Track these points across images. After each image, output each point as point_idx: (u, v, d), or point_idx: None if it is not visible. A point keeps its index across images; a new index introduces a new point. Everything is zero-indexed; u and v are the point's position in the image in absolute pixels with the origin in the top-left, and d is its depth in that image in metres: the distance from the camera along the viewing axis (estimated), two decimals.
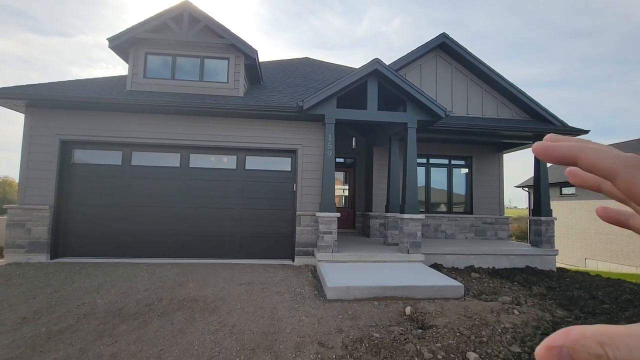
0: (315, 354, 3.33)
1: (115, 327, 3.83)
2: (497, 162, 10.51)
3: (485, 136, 8.87)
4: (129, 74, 7.66)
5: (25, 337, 3.57)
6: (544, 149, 0.30)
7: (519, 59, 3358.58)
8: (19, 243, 6.67)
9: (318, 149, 7.49)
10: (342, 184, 11.44)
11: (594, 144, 0.29)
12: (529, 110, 9.04)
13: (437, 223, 9.91)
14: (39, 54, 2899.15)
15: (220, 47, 7.97)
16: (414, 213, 7.02)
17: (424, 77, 9.03)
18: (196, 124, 7.32)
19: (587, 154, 0.28)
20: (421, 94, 7.07)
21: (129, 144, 7.27)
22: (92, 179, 7.19)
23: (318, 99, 6.81)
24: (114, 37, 7.43)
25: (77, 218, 7.09)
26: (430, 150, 10.11)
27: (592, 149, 0.28)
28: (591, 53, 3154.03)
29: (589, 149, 0.28)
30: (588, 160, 0.28)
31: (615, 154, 0.27)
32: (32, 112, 6.96)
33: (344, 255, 6.65)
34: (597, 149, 0.28)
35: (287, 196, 7.58)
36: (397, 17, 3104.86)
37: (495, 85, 9.05)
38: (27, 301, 4.54)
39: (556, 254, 8.14)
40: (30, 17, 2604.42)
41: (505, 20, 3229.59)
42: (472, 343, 3.59)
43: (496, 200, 10.35)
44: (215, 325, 3.91)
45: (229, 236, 7.39)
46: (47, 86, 7.17)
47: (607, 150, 0.28)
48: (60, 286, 5.14)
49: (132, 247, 7.11)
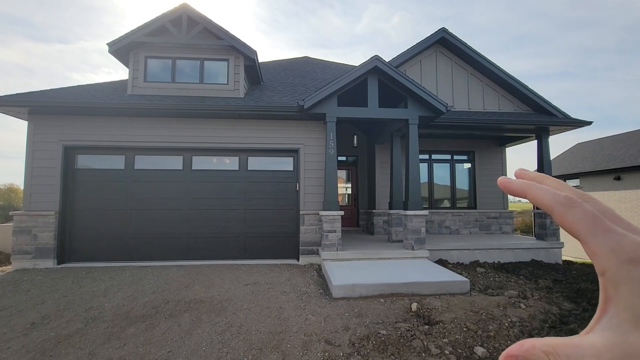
0: (323, 352, 3.34)
1: (123, 330, 3.86)
2: (500, 156, 10.47)
3: (487, 130, 8.83)
4: (130, 78, 7.69)
5: (35, 342, 3.60)
6: (503, 182, 0.37)
7: (519, 51, 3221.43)
8: (25, 249, 6.73)
9: (320, 148, 7.49)
10: (345, 182, 11.43)
11: (539, 186, 0.34)
12: (530, 103, 8.98)
13: (441, 219, 9.89)
14: (40, 61, 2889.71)
15: (219, 48, 7.98)
16: (417, 209, 7.01)
17: (424, 73, 8.99)
18: (197, 126, 7.35)
19: (532, 192, 0.34)
20: (422, 89, 7.05)
21: (132, 148, 7.31)
22: (95, 184, 7.24)
23: (318, 97, 6.81)
24: (113, 42, 7.46)
25: (82, 223, 7.15)
26: (433, 146, 10.08)
27: (537, 187, 0.34)
28: (592, 44, 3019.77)
29: (534, 187, 0.34)
30: (533, 196, 0.34)
31: (553, 193, 0.33)
32: (35, 119, 7.01)
33: (348, 254, 6.65)
34: (540, 187, 0.34)
35: (290, 196, 7.59)
36: (396, 14, 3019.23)
37: (496, 78, 9.00)
38: (36, 306, 4.58)
39: (562, 246, 8.10)
40: (31, 25, 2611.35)
41: (505, 14, 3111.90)
42: (479, 338, 3.59)
43: (500, 194, 10.31)
44: (222, 326, 3.93)
45: (234, 237, 7.42)
46: (49, 93, 7.21)
47: (547, 190, 0.33)
48: (67, 291, 5.19)
49: (138, 251, 7.15)
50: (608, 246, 0.29)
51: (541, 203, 0.34)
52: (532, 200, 0.35)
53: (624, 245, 0.28)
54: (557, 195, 0.33)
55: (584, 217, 0.31)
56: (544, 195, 0.34)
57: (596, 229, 0.30)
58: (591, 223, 0.30)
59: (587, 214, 0.31)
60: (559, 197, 0.33)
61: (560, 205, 0.32)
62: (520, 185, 0.36)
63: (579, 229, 0.31)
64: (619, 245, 0.29)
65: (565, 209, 0.32)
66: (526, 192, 0.35)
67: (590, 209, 0.31)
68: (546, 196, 0.34)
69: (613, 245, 0.29)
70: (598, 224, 0.30)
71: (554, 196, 0.33)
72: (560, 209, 0.32)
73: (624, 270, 0.28)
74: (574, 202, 0.32)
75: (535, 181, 0.37)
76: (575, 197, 0.32)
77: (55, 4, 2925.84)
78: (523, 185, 0.36)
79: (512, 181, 0.37)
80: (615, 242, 0.29)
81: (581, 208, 0.31)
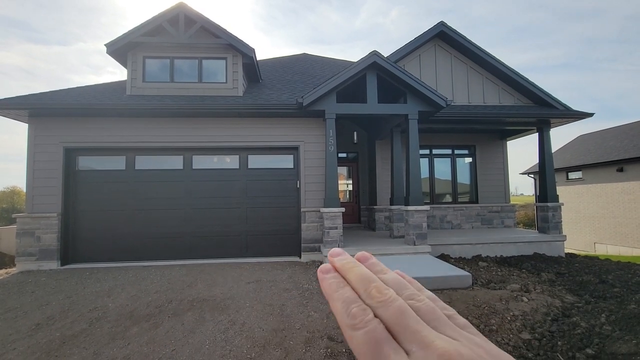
0: (325, 349, 3.36)
1: (127, 330, 3.89)
2: (501, 149, 10.42)
3: (487, 124, 8.79)
4: (128, 78, 7.69)
5: (40, 343, 3.63)
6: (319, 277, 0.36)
7: (519, 44, 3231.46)
8: (29, 251, 6.78)
9: (320, 145, 7.48)
10: (346, 178, 11.42)
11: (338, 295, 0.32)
12: (531, 95, 8.92)
13: (442, 214, 9.88)
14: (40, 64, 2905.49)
15: (217, 47, 7.96)
16: (418, 205, 7.00)
17: (424, 67, 8.95)
18: (197, 126, 7.35)
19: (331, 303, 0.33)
20: (421, 84, 7.02)
21: (132, 149, 7.32)
22: (97, 185, 7.27)
23: (317, 94, 6.79)
24: (111, 42, 7.46)
25: (85, 224, 7.18)
26: (433, 140, 10.04)
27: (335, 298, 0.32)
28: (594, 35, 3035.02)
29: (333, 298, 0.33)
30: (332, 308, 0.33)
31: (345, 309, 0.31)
32: (35, 122, 7.02)
33: (350, 250, 6.65)
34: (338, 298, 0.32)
35: (291, 193, 7.59)
36: (395, 8, 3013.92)
37: (496, 72, 8.94)
38: (41, 307, 4.62)
39: (564, 239, 8.08)
40: (30, 27, 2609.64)
41: (504, 6, 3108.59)
42: (481, 332, 3.56)
43: (501, 188, 10.28)
44: (225, 324, 3.95)
45: (235, 235, 7.44)
46: (49, 95, 7.22)
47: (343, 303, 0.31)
48: (72, 292, 5.22)
49: (140, 251, 7.19)
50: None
51: (337, 320, 0.31)
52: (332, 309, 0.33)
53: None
54: (347, 313, 0.30)
55: (365, 343, 0.28)
56: (338, 310, 0.31)
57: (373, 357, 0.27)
58: (370, 351, 0.27)
59: (368, 339, 0.28)
60: (347, 317, 0.30)
61: (347, 328, 0.30)
62: (327, 289, 0.34)
63: (359, 357, 0.28)
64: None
65: (350, 332, 0.29)
66: (329, 301, 0.33)
67: (374, 328, 0.28)
68: (339, 312, 0.31)
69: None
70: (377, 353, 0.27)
71: (344, 314, 0.30)
72: (346, 331, 0.30)
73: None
74: (358, 322, 0.29)
75: (342, 272, 0.35)
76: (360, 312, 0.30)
77: (54, 6, 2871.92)
78: (328, 290, 0.34)
79: (323, 278, 0.35)
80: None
81: (364, 330, 0.28)
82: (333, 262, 0.36)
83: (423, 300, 0.32)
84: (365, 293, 0.32)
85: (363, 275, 0.34)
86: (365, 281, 0.33)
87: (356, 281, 0.33)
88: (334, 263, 0.36)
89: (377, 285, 0.32)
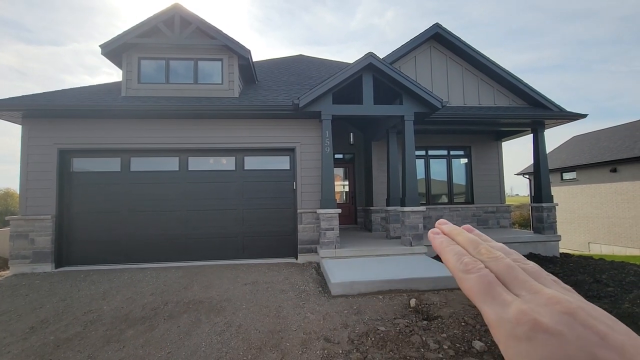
0: (322, 350, 3.36)
1: (122, 333, 3.86)
2: (496, 150, 10.50)
3: (483, 125, 8.85)
4: (123, 79, 7.64)
5: (34, 346, 3.60)
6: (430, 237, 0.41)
7: (514, 45, 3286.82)
8: (23, 254, 6.70)
9: (316, 146, 7.48)
10: (342, 179, 11.43)
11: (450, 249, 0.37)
12: (526, 97, 9.00)
13: (438, 214, 9.92)
14: (33, 64, 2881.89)
15: (213, 48, 7.94)
16: (414, 205, 7.03)
17: (419, 69, 8.99)
18: (193, 127, 7.32)
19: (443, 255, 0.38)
20: (417, 86, 7.05)
21: (127, 150, 7.27)
22: (92, 187, 7.21)
23: (313, 95, 6.80)
24: (106, 43, 7.42)
25: (80, 226, 7.12)
26: (429, 142, 10.09)
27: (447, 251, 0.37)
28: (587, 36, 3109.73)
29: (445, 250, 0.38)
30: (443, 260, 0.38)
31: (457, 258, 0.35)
32: (29, 123, 6.96)
33: (346, 251, 6.67)
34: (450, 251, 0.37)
35: (288, 194, 7.59)
36: (390, 9, 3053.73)
37: (491, 73, 9.01)
38: (35, 310, 4.58)
39: (559, 239, 8.15)
40: (23, 27, 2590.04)
41: (499, 7, 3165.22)
42: (477, 332, 3.61)
43: (497, 188, 10.35)
44: (222, 326, 3.94)
45: (232, 237, 7.42)
46: (43, 96, 7.17)
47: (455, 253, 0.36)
48: (66, 294, 5.18)
49: (136, 253, 7.14)
50: (494, 317, 0.29)
51: (448, 267, 0.36)
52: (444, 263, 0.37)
53: (506, 318, 0.28)
54: (459, 261, 0.35)
55: (477, 284, 0.31)
56: (450, 259, 0.36)
57: (487, 296, 0.30)
58: (483, 290, 0.31)
59: (481, 281, 0.31)
60: (460, 264, 0.34)
61: (459, 272, 0.34)
62: (438, 245, 0.39)
63: (472, 295, 0.32)
64: (501, 318, 0.29)
65: (462, 275, 0.33)
66: (440, 254, 0.38)
67: (486, 274, 0.32)
68: (451, 261, 0.36)
69: (497, 316, 0.29)
70: (489, 291, 0.31)
71: (457, 262, 0.35)
72: (458, 275, 0.34)
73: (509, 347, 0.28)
74: (471, 268, 0.33)
75: (450, 235, 0.40)
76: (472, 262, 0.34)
77: (47, 5, 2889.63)
78: (439, 246, 0.39)
79: (434, 237, 0.40)
80: (498, 314, 0.29)
81: (477, 274, 0.32)
82: (441, 228, 0.42)
83: (529, 263, 0.35)
84: (474, 251, 0.36)
85: (471, 237, 0.38)
86: (474, 242, 0.37)
87: (465, 242, 0.38)
88: (443, 228, 0.41)
89: (486, 245, 0.36)
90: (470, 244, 0.37)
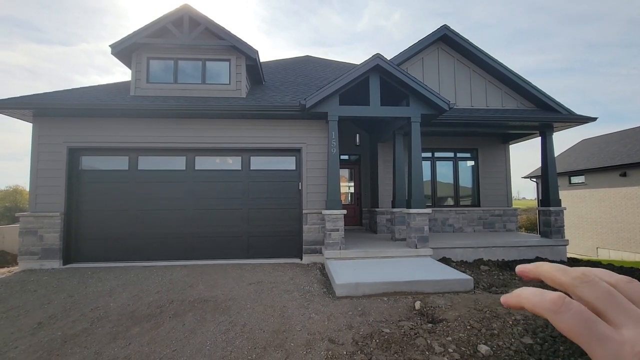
0: (326, 351, 3.35)
1: (128, 330, 3.90)
2: (503, 153, 10.41)
3: (490, 128, 8.78)
4: (132, 79, 7.73)
5: (42, 342, 3.64)
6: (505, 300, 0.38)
7: (520, 47, 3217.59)
8: (32, 250, 6.80)
9: (322, 147, 7.49)
10: (348, 181, 11.42)
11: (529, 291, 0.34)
12: (534, 99, 8.92)
13: (444, 217, 9.86)
14: (43, 63, 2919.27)
15: (221, 49, 8.00)
16: (420, 207, 6.99)
17: (426, 71, 8.96)
18: (200, 127, 7.37)
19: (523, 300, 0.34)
20: (424, 87, 7.03)
21: (135, 149, 7.35)
22: (100, 185, 7.29)
23: (320, 96, 6.80)
24: (115, 43, 7.50)
25: (87, 224, 7.21)
26: (435, 143, 10.04)
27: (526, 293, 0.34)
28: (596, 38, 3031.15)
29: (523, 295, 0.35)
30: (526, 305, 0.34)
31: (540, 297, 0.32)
32: (40, 121, 7.07)
33: (351, 252, 6.66)
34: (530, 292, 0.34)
35: (293, 195, 7.60)
36: (397, 11, 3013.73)
37: (499, 75, 8.94)
38: (43, 306, 4.64)
39: (566, 244, 8.05)
40: (33, 27, 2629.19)
41: (506, 8, 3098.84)
42: (483, 336, 3.58)
43: (504, 192, 10.26)
44: (226, 325, 3.95)
45: (237, 236, 7.45)
46: (53, 95, 7.27)
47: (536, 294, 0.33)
48: (73, 291, 5.24)
49: (142, 251, 7.20)
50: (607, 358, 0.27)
51: (534, 311, 0.33)
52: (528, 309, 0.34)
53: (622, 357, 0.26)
54: (544, 301, 0.32)
55: (575, 324, 0.29)
56: (533, 300, 0.33)
57: (591, 336, 0.28)
58: (584, 329, 0.28)
59: (577, 319, 0.29)
60: (546, 303, 0.31)
61: (549, 312, 0.31)
62: (515, 296, 0.36)
63: (573, 337, 0.29)
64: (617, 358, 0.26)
65: (554, 316, 0.30)
66: (519, 302, 0.35)
67: (580, 310, 0.29)
68: (535, 302, 0.32)
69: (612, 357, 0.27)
70: (592, 330, 0.28)
71: (541, 302, 0.32)
72: (550, 316, 0.31)
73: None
74: (560, 306, 0.30)
75: (532, 273, 0.37)
76: (558, 298, 0.31)
77: (58, 6, 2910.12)
78: (517, 296, 0.36)
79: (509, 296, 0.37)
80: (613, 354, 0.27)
81: (569, 312, 0.29)
82: (521, 272, 0.39)
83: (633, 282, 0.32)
84: (564, 276, 0.33)
85: (555, 265, 0.35)
86: (561, 268, 0.34)
87: (551, 269, 0.35)
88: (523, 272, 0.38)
89: (575, 268, 0.34)
90: (558, 270, 0.34)
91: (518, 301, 0.35)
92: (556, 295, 0.31)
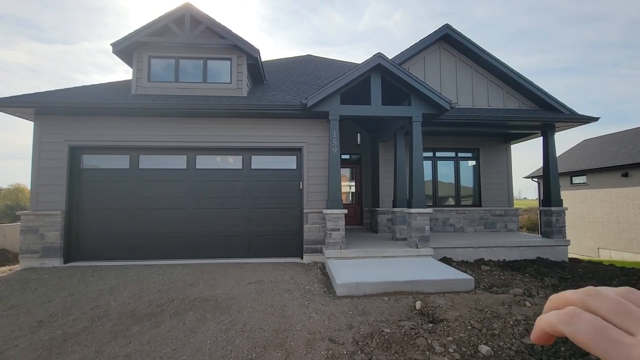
0: (327, 350, 3.35)
1: (128, 328, 3.90)
2: (505, 153, 10.38)
3: (492, 127, 8.75)
4: (134, 78, 7.73)
5: (42, 340, 3.65)
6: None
7: (522, 47, 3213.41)
8: (33, 248, 6.81)
9: (323, 146, 7.48)
10: (349, 180, 11.41)
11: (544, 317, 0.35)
12: (536, 99, 8.89)
13: (445, 217, 9.84)
14: (44, 62, 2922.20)
15: (222, 48, 7.99)
16: (421, 207, 6.98)
17: (428, 70, 8.93)
18: (201, 126, 7.37)
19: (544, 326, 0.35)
20: (425, 87, 7.01)
21: (136, 148, 7.35)
22: (101, 184, 7.30)
23: (321, 95, 6.79)
24: (117, 42, 7.50)
25: (88, 222, 7.21)
26: (437, 143, 10.02)
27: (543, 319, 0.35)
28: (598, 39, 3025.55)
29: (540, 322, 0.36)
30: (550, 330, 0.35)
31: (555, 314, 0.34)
32: (41, 120, 7.07)
33: (352, 252, 6.65)
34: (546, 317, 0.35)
35: (294, 194, 7.59)
36: (398, 11, 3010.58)
37: (501, 75, 8.91)
38: (43, 305, 4.64)
39: (568, 244, 8.02)
40: (34, 26, 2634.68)
41: (507, 8, 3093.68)
42: (483, 336, 3.57)
43: (505, 191, 10.23)
44: (227, 324, 3.95)
45: (238, 236, 7.45)
46: (55, 93, 7.28)
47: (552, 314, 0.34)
48: (74, 289, 5.25)
49: (143, 250, 7.21)
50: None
51: (553, 330, 0.33)
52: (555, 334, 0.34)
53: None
54: (558, 315, 0.33)
55: (589, 332, 0.30)
56: (549, 320, 0.34)
57: (606, 343, 0.28)
58: (599, 337, 0.29)
59: (591, 327, 0.30)
60: (559, 317, 0.32)
61: (564, 325, 0.32)
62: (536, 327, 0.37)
63: (590, 346, 0.29)
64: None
65: (569, 328, 0.31)
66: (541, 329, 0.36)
67: (592, 320, 0.30)
68: (551, 320, 0.34)
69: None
70: (604, 336, 0.29)
71: (556, 317, 0.33)
72: (564, 328, 0.31)
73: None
74: (572, 316, 0.31)
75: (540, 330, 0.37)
76: (568, 311, 0.32)
77: (59, 5, 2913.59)
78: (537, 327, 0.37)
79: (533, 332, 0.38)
80: (624, 357, 0.27)
81: (583, 322, 0.30)
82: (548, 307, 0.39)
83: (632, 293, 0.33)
84: (574, 294, 0.34)
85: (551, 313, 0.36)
86: (575, 293, 0.35)
87: (563, 297, 0.36)
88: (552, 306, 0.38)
89: (585, 288, 0.34)
90: (571, 294, 0.35)
91: (541, 329, 0.35)
92: (568, 308, 0.32)
